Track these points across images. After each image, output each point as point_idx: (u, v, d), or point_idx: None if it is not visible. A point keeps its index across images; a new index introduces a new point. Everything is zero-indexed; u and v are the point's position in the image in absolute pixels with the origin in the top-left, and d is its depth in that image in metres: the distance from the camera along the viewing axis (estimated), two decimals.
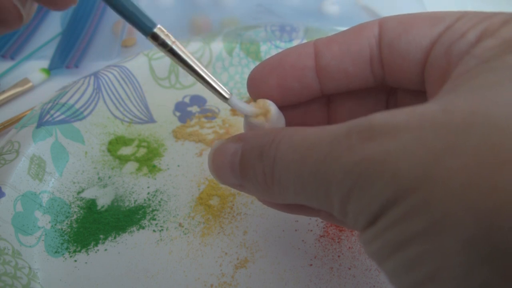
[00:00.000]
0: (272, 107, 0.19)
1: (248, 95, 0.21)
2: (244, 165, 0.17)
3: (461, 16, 0.16)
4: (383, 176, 0.12)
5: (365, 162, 0.13)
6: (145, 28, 0.16)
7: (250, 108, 0.19)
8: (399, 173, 0.12)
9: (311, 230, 0.26)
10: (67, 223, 0.27)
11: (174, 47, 0.17)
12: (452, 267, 0.11)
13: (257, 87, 0.20)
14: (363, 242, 0.14)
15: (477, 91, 0.13)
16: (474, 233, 0.11)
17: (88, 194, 0.29)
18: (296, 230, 0.26)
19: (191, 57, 0.17)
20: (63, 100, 0.31)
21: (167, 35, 0.17)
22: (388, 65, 0.18)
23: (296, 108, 0.21)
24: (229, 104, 0.19)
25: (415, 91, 0.19)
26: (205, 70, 0.18)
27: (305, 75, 0.19)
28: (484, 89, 0.13)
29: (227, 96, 0.18)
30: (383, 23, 0.18)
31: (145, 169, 0.30)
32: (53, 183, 0.29)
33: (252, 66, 0.36)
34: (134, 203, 0.28)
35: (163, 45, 0.17)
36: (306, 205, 0.17)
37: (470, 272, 0.11)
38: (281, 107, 0.20)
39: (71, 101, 0.31)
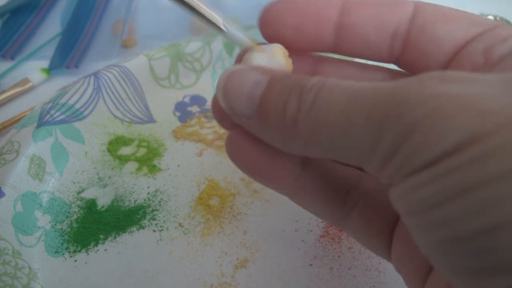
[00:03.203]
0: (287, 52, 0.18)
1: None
2: (270, 97, 0.16)
3: (498, 25, 0.16)
4: (466, 111, 0.11)
5: (443, 96, 0.12)
6: None
7: (250, 41, 0.18)
8: (487, 110, 0.11)
9: (311, 230, 0.26)
10: (67, 223, 0.27)
11: None
12: None
13: (271, 22, 0.18)
14: (407, 189, 0.13)
15: None
16: None
17: (88, 194, 0.29)
18: (296, 230, 0.26)
19: None
20: (63, 100, 0.31)
21: None
22: (413, 46, 0.18)
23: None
24: (226, 37, 0.17)
25: None
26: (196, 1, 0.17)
27: (324, 26, 0.18)
28: None
29: (223, 28, 0.17)
30: (419, 6, 0.18)
31: (145, 169, 0.30)
32: (53, 183, 0.29)
33: None
34: (134, 203, 0.28)
35: None
36: (324, 156, 0.15)
37: None
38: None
39: (71, 101, 0.31)
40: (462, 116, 0.11)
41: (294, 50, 0.19)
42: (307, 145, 0.16)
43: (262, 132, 0.17)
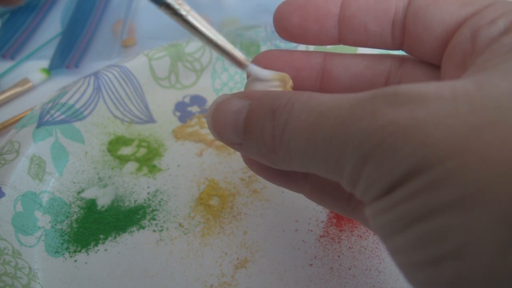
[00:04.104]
0: (291, 82, 0.19)
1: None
2: (251, 124, 0.17)
3: (491, 3, 0.16)
4: (411, 142, 0.12)
5: (391, 126, 0.12)
6: None
7: (271, 75, 0.19)
8: (430, 140, 0.11)
9: (311, 230, 0.26)
10: (67, 223, 0.27)
11: (189, 16, 0.16)
12: (483, 244, 0.10)
13: (280, 22, 0.20)
14: (371, 213, 0.14)
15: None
16: None
17: (88, 194, 0.29)
18: (296, 230, 0.26)
19: (207, 26, 0.17)
20: (63, 100, 0.31)
21: (180, 3, 0.16)
22: (409, 32, 0.18)
23: (295, 58, 0.21)
24: (247, 72, 0.18)
25: (426, 70, 0.19)
26: (222, 39, 0.17)
27: (326, 21, 0.19)
28: None
29: (246, 63, 0.18)
30: None
31: (145, 169, 0.30)
32: (53, 183, 0.29)
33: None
34: (134, 203, 0.28)
35: (177, 14, 0.16)
36: (309, 172, 0.16)
37: (505, 251, 0.10)
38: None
39: (71, 101, 0.31)
40: (406, 148, 0.12)
41: (303, 44, 0.20)
42: (289, 166, 0.16)
43: (253, 156, 0.18)
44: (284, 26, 0.20)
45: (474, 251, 0.11)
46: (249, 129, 0.17)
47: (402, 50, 0.19)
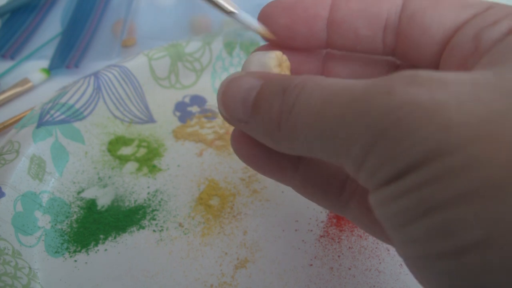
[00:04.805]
0: (285, 58, 0.19)
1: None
2: (260, 101, 0.16)
3: (491, 6, 0.16)
4: (431, 124, 0.11)
5: (409, 105, 0.11)
6: None
7: (260, 25, 0.18)
8: (451, 124, 0.11)
9: (311, 230, 0.26)
10: (67, 223, 0.27)
11: None
12: (509, 234, 0.10)
13: (266, 22, 0.19)
14: (378, 200, 0.13)
15: None
16: None
17: (88, 194, 0.29)
18: (296, 230, 0.26)
19: None
20: (63, 100, 0.31)
21: None
22: (404, 37, 0.18)
23: (293, 54, 0.21)
24: (236, 19, 0.18)
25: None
26: None
27: (315, 24, 0.19)
28: None
29: (233, 10, 0.18)
30: None
31: (145, 169, 0.30)
32: (53, 183, 0.29)
33: None
34: (134, 203, 0.28)
35: None
36: (310, 155, 0.16)
37: None
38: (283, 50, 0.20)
39: (71, 101, 0.31)
40: (425, 129, 0.11)
41: (291, 48, 0.19)
42: (292, 145, 0.16)
43: (257, 135, 0.18)
44: (270, 27, 0.19)
45: (502, 241, 0.10)
46: (258, 105, 0.16)
47: (393, 56, 0.19)
